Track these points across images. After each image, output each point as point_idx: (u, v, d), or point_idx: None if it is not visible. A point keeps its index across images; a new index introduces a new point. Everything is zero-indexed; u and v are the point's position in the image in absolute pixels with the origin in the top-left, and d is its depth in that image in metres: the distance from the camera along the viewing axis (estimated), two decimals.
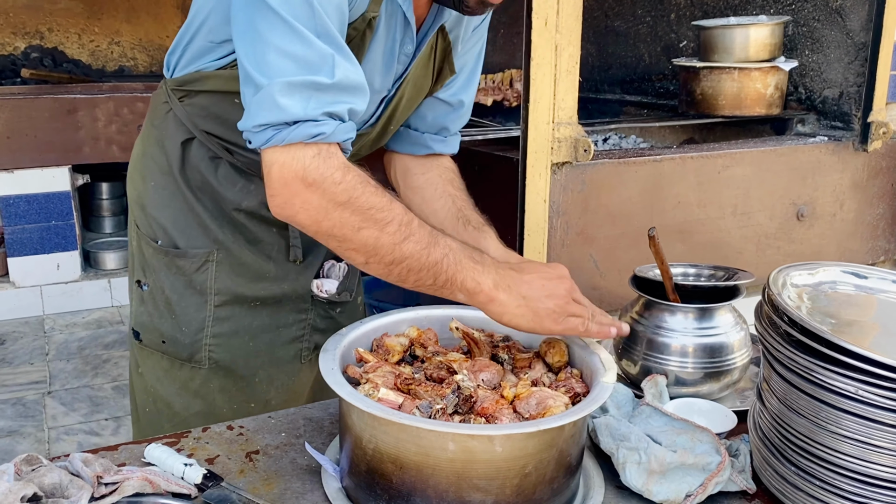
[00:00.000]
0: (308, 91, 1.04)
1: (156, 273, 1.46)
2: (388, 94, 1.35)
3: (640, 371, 1.34)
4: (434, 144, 1.49)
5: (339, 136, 1.07)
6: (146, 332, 1.49)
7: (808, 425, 0.99)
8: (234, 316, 1.46)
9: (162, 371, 1.49)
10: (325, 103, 1.05)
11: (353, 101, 1.09)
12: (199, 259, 1.42)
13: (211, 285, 1.44)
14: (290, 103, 1.03)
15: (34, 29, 4.87)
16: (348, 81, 1.07)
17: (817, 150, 2.18)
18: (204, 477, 1.04)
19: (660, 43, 2.99)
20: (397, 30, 1.27)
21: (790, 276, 1.14)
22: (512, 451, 0.93)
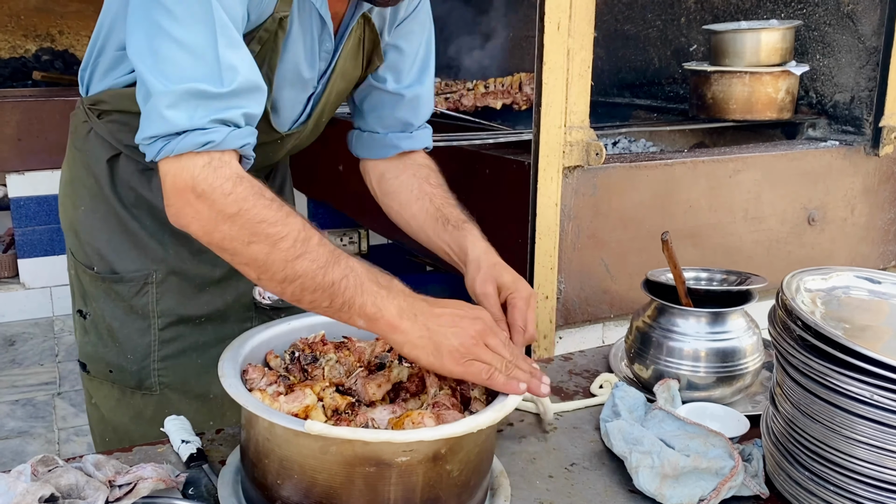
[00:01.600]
0: (194, 100, 1.01)
1: (96, 301, 1.42)
2: (314, 90, 1.33)
3: (652, 375, 1.34)
4: (400, 142, 1.45)
5: (231, 142, 1.03)
6: (92, 363, 1.46)
7: (822, 430, 0.98)
8: (180, 336, 1.42)
9: (114, 401, 1.45)
10: (213, 111, 1.01)
11: (246, 105, 1.05)
12: (137, 283, 1.38)
13: (153, 308, 1.40)
14: (175, 115, 1.00)
15: (45, 31, 4.89)
16: (241, 86, 1.04)
17: (828, 154, 2.18)
18: (190, 456, 1.10)
19: (670, 47, 2.99)
20: (313, 27, 1.24)
21: (804, 281, 1.13)
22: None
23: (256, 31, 1.16)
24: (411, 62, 1.42)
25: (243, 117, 1.05)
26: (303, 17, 1.22)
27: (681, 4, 2.92)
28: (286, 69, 1.25)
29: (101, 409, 1.48)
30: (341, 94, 1.40)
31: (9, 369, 3.66)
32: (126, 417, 1.45)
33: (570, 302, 1.86)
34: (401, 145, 1.45)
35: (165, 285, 1.39)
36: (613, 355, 1.49)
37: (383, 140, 1.45)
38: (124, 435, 1.45)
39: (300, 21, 1.22)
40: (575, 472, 1.14)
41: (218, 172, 1.01)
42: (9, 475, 0.98)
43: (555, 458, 1.17)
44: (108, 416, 1.47)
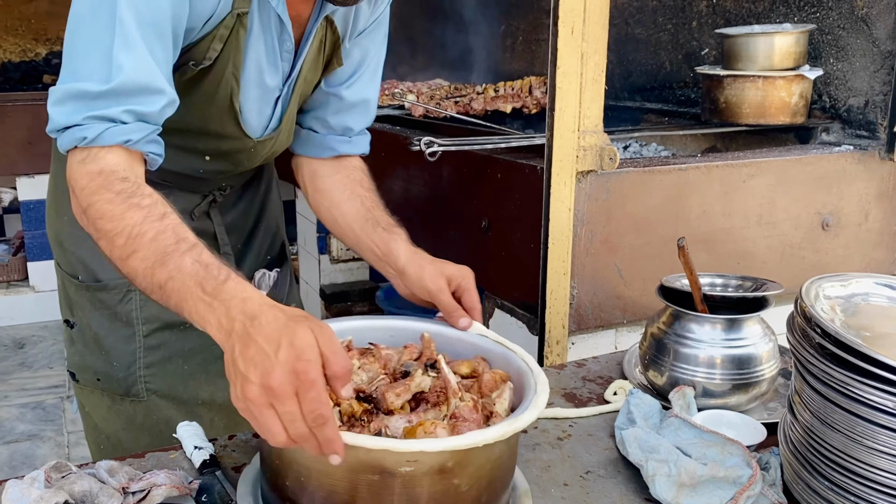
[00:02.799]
0: (73, 100, 1.03)
1: (81, 310, 1.43)
2: (281, 93, 1.33)
3: (666, 382, 1.33)
4: (339, 146, 1.45)
5: (109, 138, 1.03)
6: (81, 372, 1.47)
7: (843, 439, 0.97)
8: (165, 342, 1.43)
9: (105, 409, 1.46)
10: (91, 108, 1.03)
11: (132, 103, 1.05)
12: (120, 290, 1.39)
13: (137, 315, 1.40)
14: (57, 112, 1.04)
15: (55, 35, 4.91)
16: (124, 84, 1.03)
17: (842, 159, 2.16)
18: (203, 462, 1.10)
19: (681, 50, 2.98)
20: (272, 27, 1.24)
21: (822, 288, 1.12)
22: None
23: (216, 28, 1.17)
24: (361, 68, 1.43)
25: (129, 114, 1.05)
26: (262, 17, 1.22)
27: (692, 8, 2.91)
28: (250, 70, 1.25)
29: (94, 418, 1.49)
30: (304, 97, 1.40)
31: (18, 372, 3.67)
32: (117, 425, 1.45)
33: (583, 307, 1.85)
34: (338, 149, 1.45)
35: None
36: (627, 361, 1.48)
37: (322, 141, 1.46)
38: (117, 442, 1.46)
39: (260, 20, 1.22)
40: (590, 481, 1.13)
41: (83, 167, 1.03)
42: (22, 482, 0.98)
43: (569, 465, 1.16)
44: (101, 424, 1.48)
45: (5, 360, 3.78)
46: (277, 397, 0.80)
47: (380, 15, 1.40)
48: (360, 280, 4.11)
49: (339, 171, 1.44)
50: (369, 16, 1.39)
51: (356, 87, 1.43)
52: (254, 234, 1.61)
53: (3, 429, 3.16)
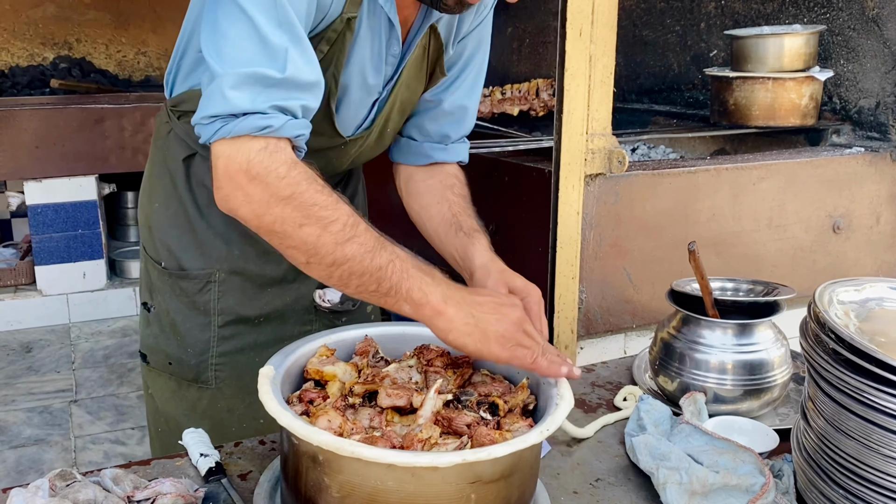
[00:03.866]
0: (258, 84, 1.03)
1: (161, 295, 1.46)
2: (379, 96, 1.33)
3: (677, 387, 1.31)
4: (434, 153, 1.45)
5: (288, 131, 1.05)
6: (153, 355, 1.50)
7: (857, 446, 0.96)
8: (239, 334, 1.45)
9: (170, 392, 1.49)
10: (274, 97, 1.03)
11: (305, 97, 1.07)
12: (201, 280, 1.42)
13: (214, 306, 1.43)
14: (238, 95, 1.02)
15: (62, 39, 4.92)
16: (300, 77, 1.05)
17: (853, 161, 2.14)
18: (209, 470, 1.09)
19: (689, 52, 2.96)
20: (381, 31, 1.24)
21: (836, 293, 1.11)
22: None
23: (325, 31, 1.18)
24: (462, 74, 1.42)
25: (301, 109, 1.07)
26: (371, 20, 1.23)
27: (700, 9, 2.89)
28: (352, 71, 1.25)
29: (157, 400, 1.52)
30: (405, 104, 1.40)
31: (25, 376, 3.67)
32: (179, 409, 1.48)
33: (592, 312, 1.84)
34: (434, 156, 1.45)
35: (227, 284, 1.42)
36: (637, 367, 1.47)
37: (418, 148, 1.46)
38: (175, 427, 1.47)
39: (369, 23, 1.23)
40: (600, 488, 1.11)
41: (274, 157, 1.03)
42: (27, 490, 0.97)
43: (579, 473, 1.15)
44: (163, 407, 1.51)
45: (12, 364, 3.79)
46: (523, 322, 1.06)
47: (482, 20, 1.40)
48: None
49: (434, 176, 1.44)
50: (472, 21, 1.38)
51: (455, 95, 1.42)
52: None
53: (9, 433, 3.16)
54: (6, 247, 4.57)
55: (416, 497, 0.84)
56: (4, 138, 3.96)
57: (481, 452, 0.86)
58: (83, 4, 4.92)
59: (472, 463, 0.85)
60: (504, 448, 0.87)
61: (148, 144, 4.57)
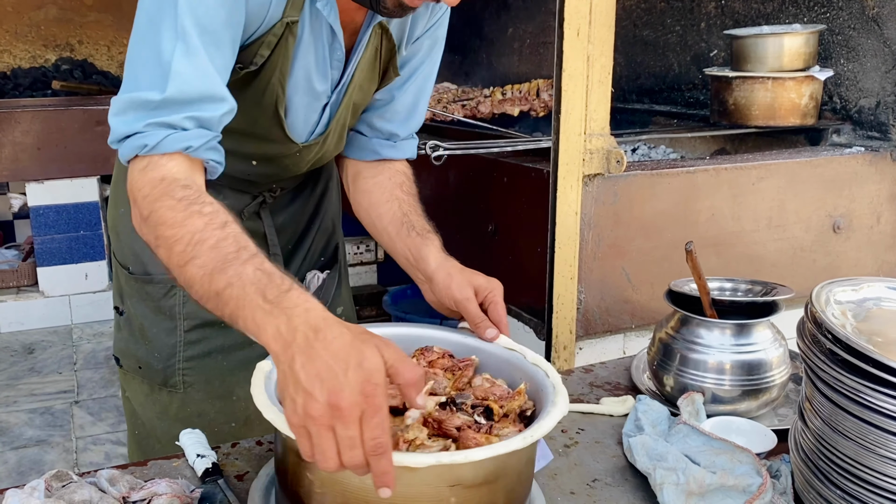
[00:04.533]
0: (133, 109, 1.04)
1: (130, 299, 1.47)
2: (329, 100, 1.32)
3: (675, 388, 1.31)
4: (383, 150, 1.44)
5: (170, 145, 1.03)
6: (125, 358, 1.51)
7: (854, 447, 0.95)
8: (206, 338, 1.45)
9: (143, 395, 1.50)
10: (151, 116, 1.03)
11: (194, 109, 1.04)
12: (165, 285, 1.42)
13: (179, 310, 1.43)
14: (119, 121, 1.04)
15: (64, 41, 4.92)
16: (186, 93, 1.03)
17: (853, 160, 2.14)
18: (205, 471, 1.09)
19: (689, 52, 2.96)
20: (324, 36, 1.24)
21: (833, 293, 1.10)
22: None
23: (265, 35, 1.17)
24: (414, 74, 1.41)
25: (189, 120, 1.05)
26: (314, 25, 1.22)
27: (700, 9, 2.89)
28: (298, 76, 1.25)
29: (133, 403, 1.53)
30: (358, 105, 1.39)
31: (27, 377, 3.68)
32: (153, 413, 1.49)
33: (591, 312, 1.83)
34: (383, 153, 1.44)
35: None
36: (635, 367, 1.47)
37: (367, 144, 1.45)
38: (151, 430, 1.50)
39: (311, 28, 1.22)
40: (597, 489, 1.11)
41: (145, 175, 1.02)
42: (22, 491, 0.97)
43: (576, 473, 1.15)
44: (139, 410, 1.52)
45: (14, 366, 3.79)
46: (343, 419, 0.77)
47: (437, 21, 1.39)
48: (367, 284, 4.11)
49: (382, 172, 1.43)
50: (426, 22, 1.37)
51: (406, 93, 1.42)
52: (305, 235, 1.61)
53: (11, 434, 3.16)
54: (8, 248, 4.58)
55: (394, 497, 0.83)
56: (6, 140, 3.97)
57: (458, 455, 0.84)
58: (85, 6, 4.93)
59: (451, 465, 0.83)
60: (482, 452, 0.85)
61: None
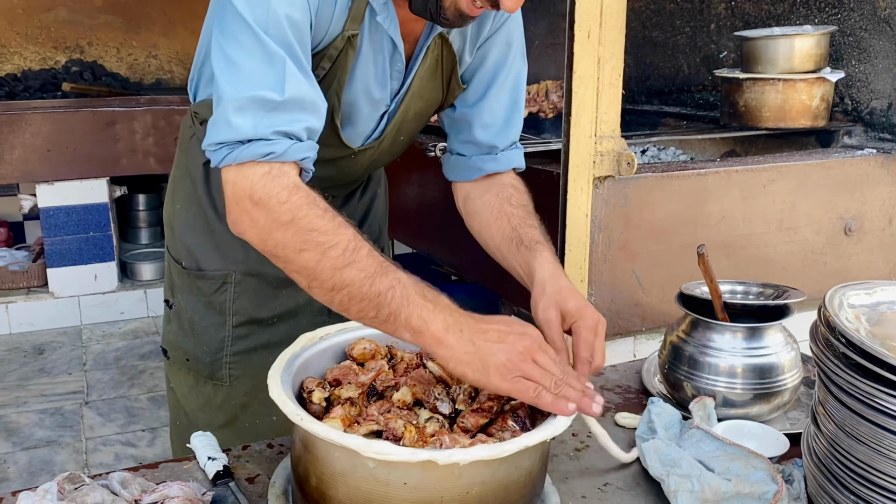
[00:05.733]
0: (259, 109, 1.05)
1: (181, 293, 1.50)
2: (388, 108, 1.33)
3: (686, 391, 1.30)
4: (485, 165, 1.42)
5: (292, 155, 1.07)
6: (172, 350, 1.54)
7: (868, 452, 0.95)
8: (252, 334, 1.48)
9: (188, 387, 1.53)
10: (276, 122, 1.05)
11: (307, 119, 1.08)
12: (217, 281, 1.45)
13: (229, 306, 1.46)
14: (242, 122, 1.05)
15: (74, 43, 4.94)
16: (300, 98, 1.07)
17: (865, 162, 2.13)
18: (217, 474, 1.09)
19: (699, 53, 2.95)
20: (384, 47, 1.24)
21: (846, 297, 1.09)
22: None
23: (326, 49, 1.18)
24: (495, 82, 1.39)
25: (305, 131, 1.09)
26: (373, 37, 1.23)
27: (710, 11, 2.88)
28: (357, 87, 1.26)
29: (177, 394, 1.56)
30: (420, 114, 1.39)
31: (37, 378, 3.69)
32: (197, 403, 1.52)
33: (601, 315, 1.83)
34: (485, 168, 1.42)
35: (243, 285, 1.45)
36: (646, 370, 1.46)
37: (468, 163, 1.44)
38: (193, 420, 1.53)
39: (370, 41, 1.23)
40: (609, 493, 1.11)
41: (276, 182, 1.05)
42: (35, 493, 0.97)
43: (588, 477, 1.14)
44: (182, 400, 1.55)
45: (24, 366, 3.81)
46: (532, 352, 0.99)
47: (500, 26, 1.36)
48: None
49: (489, 190, 1.41)
50: (489, 29, 1.36)
51: (493, 102, 1.39)
52: None
53: (21, 435, 3.17)
54: (18, 249, 4.60)
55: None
56: (17, 141, 3.98)
57: (507, 445, 0.87)
58: (95, 8, 4.95)
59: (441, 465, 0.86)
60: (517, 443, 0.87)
61: (159, 147, 4.61)
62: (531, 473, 0.95)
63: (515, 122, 1.44)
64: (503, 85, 1.40)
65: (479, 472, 0.88)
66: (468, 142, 1.43)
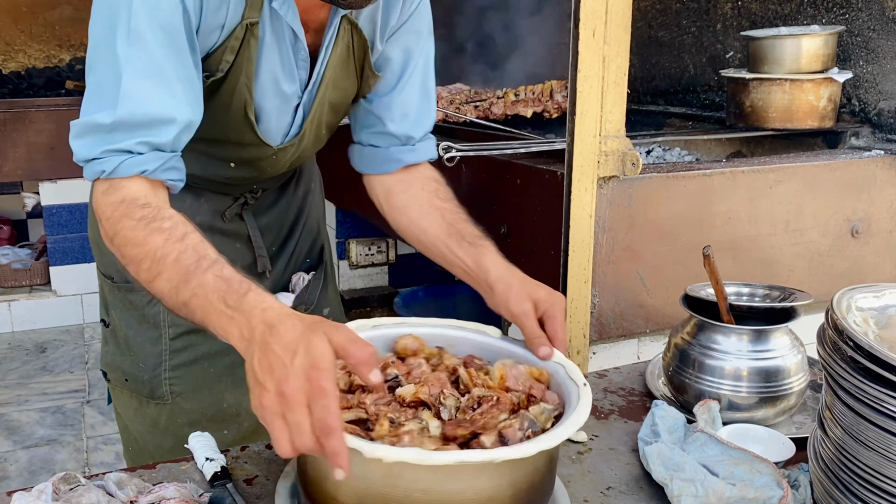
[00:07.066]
0: (90, 133, 1.08)
1: (115, 310, 1.46)
2: (300, 101, 1.30)
3: (691, 394, 1.29)
4: (402, 156, 1.39)
5: (126, 170, 1.07)
6: (111, 371, 1.49)
7: (876, 457, 0.93)
8: (192, 345, 1.43)
9: (132, 410, 1.48)
10: (105, 142, 1.07)
11: (143, 134, 1.07)
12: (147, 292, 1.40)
13: (164, 318, 1.42)
14: (78, 145, 1.09)
15: (79, 41, 4.94)
16: (136, 116, 1.06)
17: (872, 164, 2.11)
18: (214, 475, 1.07)
19: (705, 53, 2.93)
20: (286, 36, 1.22)
21: (855, 299, 1.08)
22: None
23: (227, 40, 1.16)
24: (407, 70, 1.37)
25: (143, 145, 1.08)
26: (275, 26, 1.20)
27: (716, 10, 2.86)
28: (265, 79, 1.23)
29: (124, 418, 1.51)
30: (337, 104, 1.36)
31: (39, 376, 3.69)
32: (143, 426, 1.47)
33: (605, 316, 1.81)
34: (403, 159, 1.39)
35: None
36: (650, 373, 1.44)
37: (385, 154, 1.40)
38: (143, 444, 1.48)
39: (272, 29, 1.20)
40: (611, 497, 1.09)
41: (107, 198, 1.07)
42: (30, 494, 0.96)
43: (590, 481, 1.13)
44: (130, 425, 1.50)
45: (26, 364, 3.80)
46: (289, 405, 0.79)
47: (412, 13, 1.34)
48: (379, 286, 4.09)
49: (412, 185, 1.38)
50: (399, 15, 1.33)
51: (406, 92, 1.37)
52: (290, 237, 1.59)
53: (22, 433, 3.17)
54: (21, 247, 4.60)
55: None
56: (20, 139, 3.98)
57: (511, 450, 0.85)
58: None
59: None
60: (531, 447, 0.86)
61: None
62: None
63: (430, 110, 1.41)
64: (413, 72, 1.37)
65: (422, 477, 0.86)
66: (382, 133, 1.39)
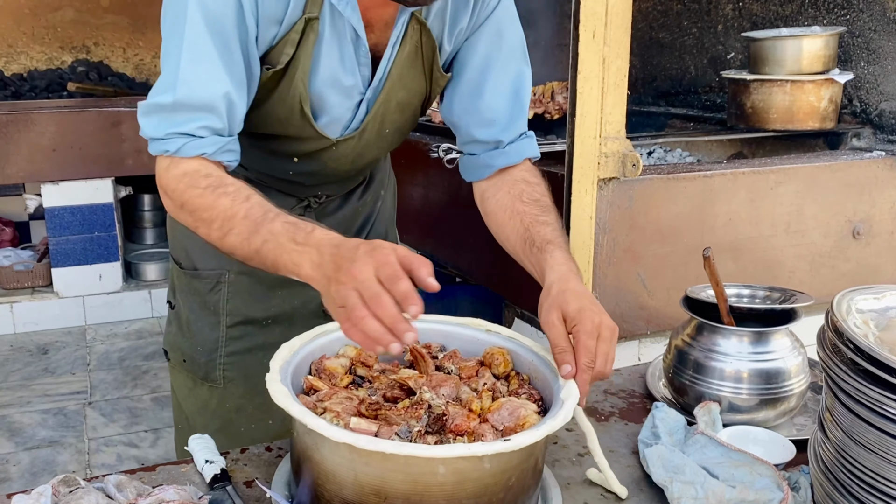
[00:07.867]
0: (157, 112, 1.17)
1: (180, 294, 1.53)
2: (363, 96, 1.30)
3: (691, 396, 1.28)
4: (494, 160, 1.38)
5: (187, 152, 1.16)
6: (172, 351, 1.56)
7: (876, 460, 0.93)
8: (247, 335, 1.49)
9: (187, 389, 1.54)
10: (171, 124, 1.16)
11: (203, 118, 1.16)
12: (211, 280, 1.47)
13: (223, 306, 1.48)
14: (146, 123, 1.18)
15: (81, 43, 4.95)
16: (192, 100, 1.14)
17: (874, 165, 2.10)
18: (214, 477, 1.08)
19: (706, 55, 2.93)
20: (346, 32, 1.23)
21: (855, 301, 1.07)
22: (500, 467, 0.90)
23: (287, 34, 1.20)
24: (476, 76, 1.35)
25: (204, 129, 1.16)
26: (335, 22, 1.22)
27: (718, 11, 2.86)
28: (324, 74, 1.25)
29: (177, 395, 1.58)
30: (404, 104, 1.35)
31: (41, 378, 3.69)
32: (195, 406, 1.53)
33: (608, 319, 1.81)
34: (494, 163, 1.38)
35: (237, 285, 1.47)
36: (651, 374, 1.44)
37: (478, 161, 1.40)
38: (192, 423, 1.54)
39: (332, 25, 1.22)
40: (611, 500, 1.09)
41: (170, 172, 1.17)
42: (29, 496, 0.96)
43: (590, 483, 1.13)
44: (183, 403, 1.56)
45: (28, 366, 3.81)
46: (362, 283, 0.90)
47: (490, 13, 1.32)
48: None
49: (501, 188, 1.37)
50: (473, 16, 1.32)
51: (489, 97, 1.35)
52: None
53: (24, 435, 3.17)
54: (24, 249, 4.60)
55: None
56: (22, 141, 3.99)
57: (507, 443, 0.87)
58: (101, 8, 4.95)
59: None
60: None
61: None
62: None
63: (519, 114, 1.38)
64: (500, 79, 1.35)
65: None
66: (473, 141, 1.39)
